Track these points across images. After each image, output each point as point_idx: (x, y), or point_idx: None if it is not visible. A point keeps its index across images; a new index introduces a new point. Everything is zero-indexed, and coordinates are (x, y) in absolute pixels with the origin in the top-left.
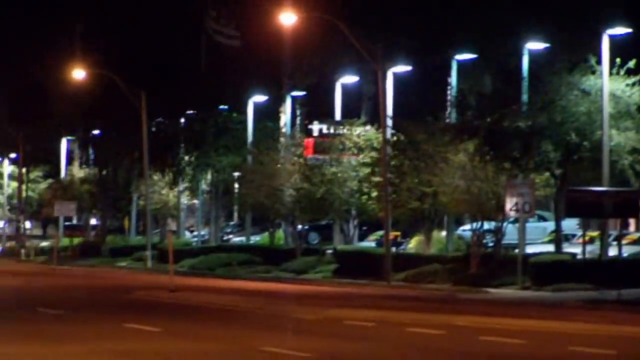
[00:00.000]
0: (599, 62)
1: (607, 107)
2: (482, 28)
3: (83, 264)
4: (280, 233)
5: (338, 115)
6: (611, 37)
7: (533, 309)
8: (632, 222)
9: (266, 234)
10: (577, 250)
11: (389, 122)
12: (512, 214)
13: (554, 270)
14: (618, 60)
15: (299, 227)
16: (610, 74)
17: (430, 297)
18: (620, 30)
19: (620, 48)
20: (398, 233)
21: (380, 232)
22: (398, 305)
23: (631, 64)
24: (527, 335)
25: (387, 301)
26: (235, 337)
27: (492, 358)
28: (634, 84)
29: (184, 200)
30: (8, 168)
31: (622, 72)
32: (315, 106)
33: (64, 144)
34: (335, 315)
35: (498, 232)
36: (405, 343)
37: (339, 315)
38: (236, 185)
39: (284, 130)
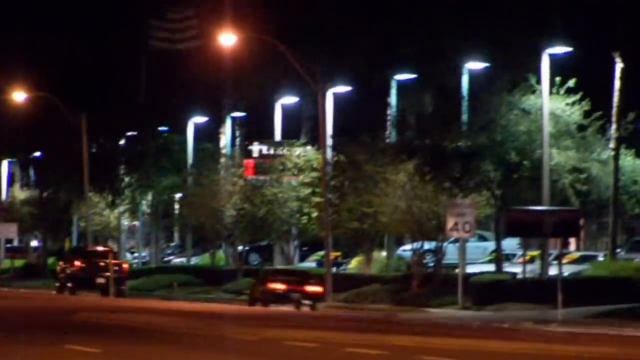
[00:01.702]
0: (538, 81)
1: (547, 126)
2: (422, 48)
3: (24, 286)
4: (220, 254)
5: (278, 136)
6: (551, 56)
7: (473, 328)
8: (572, 241)
9: (207, 255)
10: (517, 269)
11: (329, 142)
12: (453, 233)
13: (494, 290)
14: (558, 79)
15: (240, 248)
16: (551, 93)
17: (371, 318)
18: (560, 49)
19: (560, 67)
20: (338, 253)
21: (321, 253)
22: (339, 325)
23: (571, 82)
24: (467, 355)
25: (328, 321)
26: (178, 358)
27: None
28: (573, 103)
29: (125, 221)
30: None
31: (562, 91)
32: (256, 127)
33: (4, 165)
34: (275, 335)
35: (438, 252)
36: None
37: (279, 335)
38: (177, 207)
39: (224, 151)
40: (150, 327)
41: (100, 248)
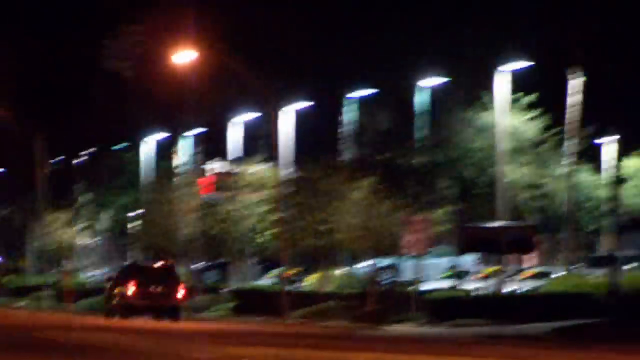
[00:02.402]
0: (491, 98)
1: (502, 143)
2: (377, 65)
3: None
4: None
5: (234, 154)
6: (507, 72)
7: (429, 345)
8: (531, 256)
9: None
10: (474, 285)
11: (286, 159)
12: (408, 250)
13: (450, 306)
14: (513, 96)
15: (196, 265)
16: (509, 109)
17: (328, 335)
18: (516, 65)
19: (517, 83)
20: (299, 269)
21: (277, 270)
22: (295, 342)
23: (530, 98)
24: None
25: (285, 339)
26: None
27: None
28: (532, 119)
29: (81, 240)
30: None
31: (518, 107)
32: (212, 145)
33: None
34: (232, 353)
35: (394, 269)
36: None
37: (236, 353)
38: (130, 225)
39: (177, 170)
40: (107, 345)
41: (158, 264)
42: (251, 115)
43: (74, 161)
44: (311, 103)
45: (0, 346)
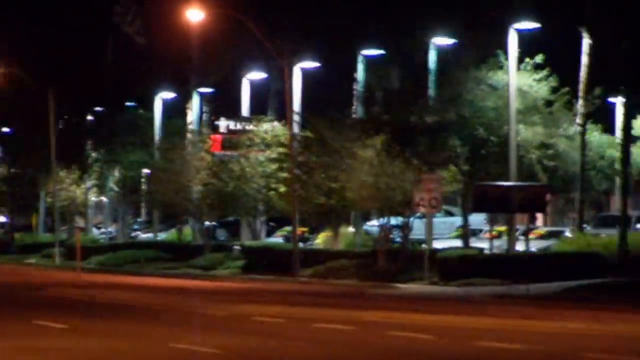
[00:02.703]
0: (506, 57)
1: (514, 102)
2: (389, 23)
3: None
4: (188, 230)
5: (245, 112)
6: (518, 31)
7: (441, 304)
8: (540, 216)
9: (174, 230)
10: (484, 245)
11: (297, 117)
12: (420, 209)
13: (461, 266)
14: (528, 59)
15: (207, 223)
16: (518, 69)
17: (339, 293)
18: (528, 25)
19: (527, 43)
20: (305, 229)
21: (288, 228)
22: (306, 300)
23: (538, 58)
24: (436, 330)
25: (296, 297)
26: (144, 333)
27: (402, 353)
28: (541, 79)
29: (92, 197)
30: None
31: (529, 67)
32: (223, 102)
33: None
34: (244, 311)
35: (405, 228)
36: (314, 338)
37: (247, 311)
38: (143, 182)
39: (191, 126)
40: (118, 302)
41: None
42: (261, 74)
43: (86, 118)
44: (319, 64)
45: (17, 304)
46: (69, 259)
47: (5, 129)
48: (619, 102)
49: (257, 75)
